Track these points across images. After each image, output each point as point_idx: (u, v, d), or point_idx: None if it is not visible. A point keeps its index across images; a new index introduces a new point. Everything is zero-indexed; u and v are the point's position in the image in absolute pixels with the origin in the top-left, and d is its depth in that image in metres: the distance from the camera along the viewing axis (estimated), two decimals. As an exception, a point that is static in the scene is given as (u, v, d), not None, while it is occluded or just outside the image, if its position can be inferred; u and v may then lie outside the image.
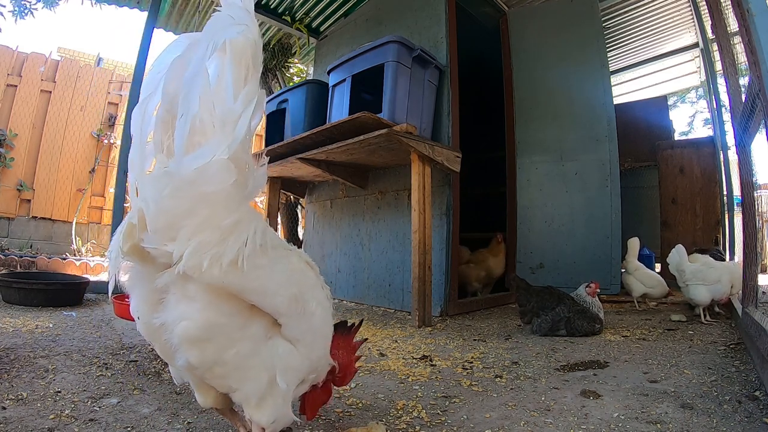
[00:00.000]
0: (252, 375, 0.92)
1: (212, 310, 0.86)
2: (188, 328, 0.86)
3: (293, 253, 1.05)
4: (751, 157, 2.39)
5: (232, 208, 0.85)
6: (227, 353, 0.88)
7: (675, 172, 5.48)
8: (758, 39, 1.49)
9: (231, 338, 0.89)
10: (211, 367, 0.90)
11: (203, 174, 0.81)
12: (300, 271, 1.03)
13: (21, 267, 4.86)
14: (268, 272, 0.91)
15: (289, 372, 0.97)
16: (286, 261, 0.99)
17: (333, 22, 5.31)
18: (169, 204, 0.80)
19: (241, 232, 0.85)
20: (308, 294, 1.01)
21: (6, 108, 6.20)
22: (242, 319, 0.90)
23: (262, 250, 0.89)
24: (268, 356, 0.93)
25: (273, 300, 0.92)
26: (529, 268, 4.42)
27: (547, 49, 4.51)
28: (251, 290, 0.88)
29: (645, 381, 1.74)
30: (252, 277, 0.87)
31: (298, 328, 0.98)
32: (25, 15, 4.59)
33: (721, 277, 3.05)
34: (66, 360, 1.84)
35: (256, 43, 0.88)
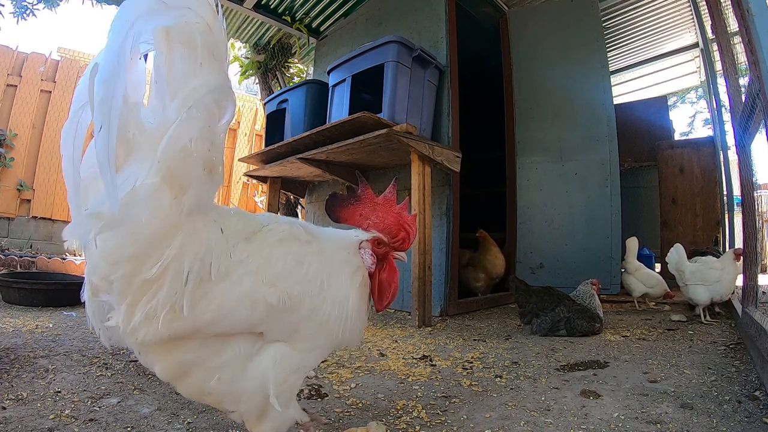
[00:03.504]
0: (244, 397, 0.86)
1: (176, 352, 0.82)
2: (162, 371, 0.85)
3: (264, 237, 0.89)
4: (751, 157, 2.39)
5: (163, 241, 0.74)
6: (209, 383, 0.83)
7: (675, 172, 5.48)
8: (758, 39, 1.49)
9: (207, 369, 0.83)
10: (201, 396, 0.87)
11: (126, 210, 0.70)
12: (271, 260, 0.86)
13: (21, 267, 4.86)
14: (224, 293, 0.79)
15: (291, 376, 0.89)
16: (248, 261, 0.84)
17: (333, 22, 5.31)
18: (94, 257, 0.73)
19: (177, 270, 0.75)
20: (290, 282, 0.87)
21: (6, 108, 6.20)
22: (213, 348, 0.83)
23: (210, 273, 0.79)
24: (259, 373, 0.85)
25: (237, 319, 0.81)
26: (529, 268, 4.42)
27: (547, 49, 4.51)
28: (207, 324, 0.79)
29: (645, 381, 1.74)
30: (201, 311, 0.77)
31: (286, 327, 0.87)
32: (26, 16, 4.59)
33: (721, 276, 3.05)
34: (66, 360, 1.84)
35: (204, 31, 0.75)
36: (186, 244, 0.76)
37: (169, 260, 0.74)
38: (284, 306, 0.85)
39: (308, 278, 0.89)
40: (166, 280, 0.74)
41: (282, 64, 5.97)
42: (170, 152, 0.72)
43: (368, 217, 1.02)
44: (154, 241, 0.74)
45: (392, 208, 1.01)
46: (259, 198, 7.98)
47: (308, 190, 4.97)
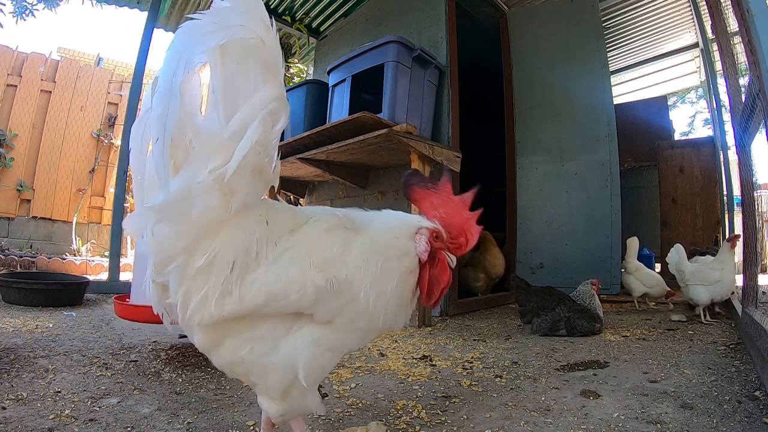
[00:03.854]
0: (271, 372, 0.90)
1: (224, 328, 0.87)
2: (202, 342, 0.89)
3: (308, 228, 0.93)
4: (751, 157, 2.40)
5: (210, 235, 0.82)
6: (239, 354, 0.87)
7: (675, 172, 5.48)
8: (758, 39, 1.49)
9: (241, 339, 0.87)
10: (231, 366, 0.91)
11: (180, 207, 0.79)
12: (319, 246, 0.91)
13: (21, 267, 4.86)
14: (272, 278, 0.85)
15: (326, 354, 0.92)
16: (296, 248, 0.89)
17: (333, 22, 5.31)
18: (152, 245, 0.81)
19: (223, 260, 0.82)
20: (336, 266, 0.90)
21: (6, 108, 6.20)
22: (250, 321, 0.87)
23: (257, 260, 0.85)
24: (291, 350, 0.89)
25: (288, 302, 0.86)
26: (529, 268, 4.42)
27: (547, 49, 4.51)
28: (260, 306, 0.84)
29: (645, 381, 1.74)
30: (251, 296, 0.83)
31: (332, 310, 0.90)
32: (26, 16, 4.59)
33: (721, 276, 3.05)
34: (66, 360, 1.84)
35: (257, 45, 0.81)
36: (231, 237, 0.83)
37: (215, 252, 0.81)
38: (332, 289, 0.88)
39: (355, 263, 0.92)
40: (214, 269, 0.81)
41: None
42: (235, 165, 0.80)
43: (437, 209, 1.02)
44: (202, 234, 0.81)
45: (464, 211, 1.01)
46: (259, 198, 7.97)
47: (308, 190, 4.97)
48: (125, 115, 4.35)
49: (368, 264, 0.93)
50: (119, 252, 4.04)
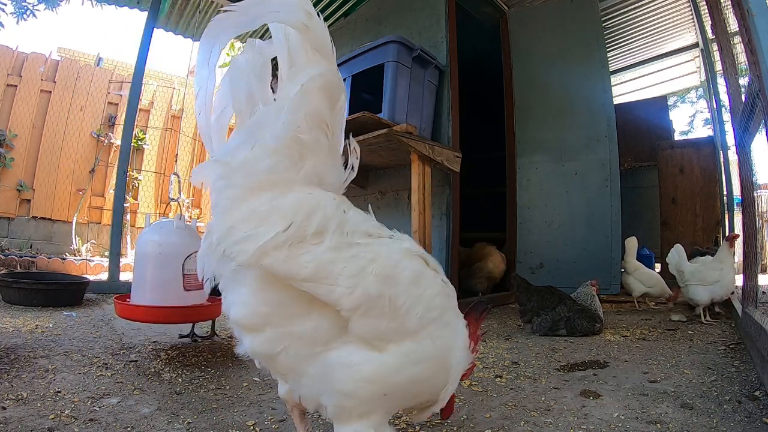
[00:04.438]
0: (305, 383, 0.86)
1: (258, 297, 0.83)
2: (236, 314, 0.86)
3: (386, 240, 0.91)
4: (751, 157, 2.40)
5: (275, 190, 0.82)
6: (275, 348, 0.84)
7: (675, 172, 5.47)
8: (758, 39, 1.49)
9: (280, 332, 0.83)
10: (264, 359, 0.89)
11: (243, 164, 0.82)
12: (389, 260, 0.87)
13: (21, 267, 4.86)
14: (328, 259, 0.80)
15: (362, 386, 0.83)
16: (366, 249, 0.85)
17: (333, 22, 5.31)
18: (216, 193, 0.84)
19: (282, 214, 0.80)
20: (399, 289, 0.85)
21: (6, 108, 6.20)
22: (293, 311, 0.83)
23: (321, 234, 0.81)
24: (328, 367, 0.83)
25: (331, 290, 0.80)
26: (529, 268, 4.42)
27: (547, 49, 4.51)
28: (301, 278, 0.79)
29: (645, 381, 1.74)
30: (298, 262, 0.79)
31: (376, 328, 0.83)
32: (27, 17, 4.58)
33: (721, 276, 3.05)
34: (66, 360, 1.84)
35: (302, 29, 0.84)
36: (297, 200, 0.83)
37: (276, 205, 0.81)
38: (383, 307, 0.83)
39: (421, 299, 0.88)
40: (269, 219, 0.79)
41: (282, 64, 5.97)
42: (290, 119, 0.83)
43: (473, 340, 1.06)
44: (264, 185, 0.82)
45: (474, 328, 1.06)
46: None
47: (308, 190, 4.96)
48: (125, 115, 4.34)
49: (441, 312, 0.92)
50: (119, 252, 4.04)
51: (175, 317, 1.95)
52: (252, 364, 1.93)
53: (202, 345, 2.22)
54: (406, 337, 0.86)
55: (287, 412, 1.39)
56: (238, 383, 1.68)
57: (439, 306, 0.92)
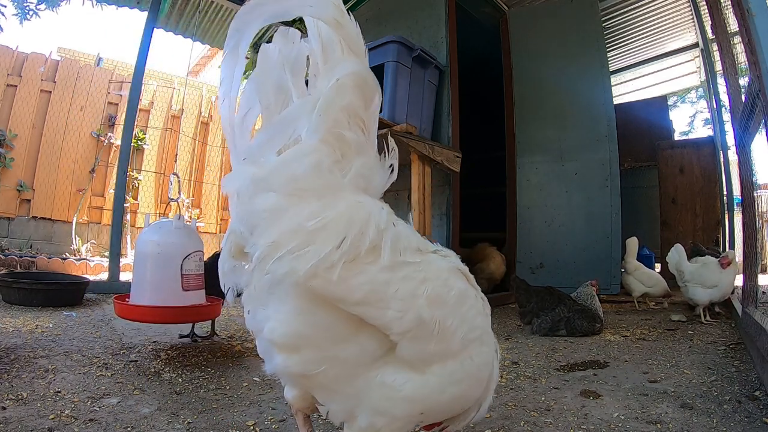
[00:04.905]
0: (339, 400, 0.81)
1: (301, 319, 0.76)
2: (274, 333, 0.77)
3: (434, 258, 0.87)
4: (751, 157, 2.40)
5: (324, 199, 0.74)
6: (313, 369, 0.77)
7: (675, 172, 5.48)
8: (758, 39, 1.49)
9: (320, 355, 0.77)
10: (296, 378, 0.83)
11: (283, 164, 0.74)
12: (438, 280, 0.83)
13: (21, 267, 4.86)
14: (381, 280, 0.75)
15: (401, 405, 0.80)
16: (417, 268, 0.80)
17: (333, 22, 5.30)
18: (247, 198, 0.75)
19: (335, 229, 0.72)
20: (447, 310, 0.82)
21: (6, 108, 6.19)
22: (339, 334, 0.77)
23: (374, 251, 0.75)
24: (366, 387, 0.79)
25: (382, 314, 0.75)
26: (529, 268, 4.42)
27: (547, 49, 4.51)
28: (352, 302, 0.74)
29: (645, 381, 1.74)
30: (351, 284, 0.73)
31: (423, 350, 0.80)
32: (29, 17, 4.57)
33: (720, 280, 3.04)
34: (66, 360, 1.84)
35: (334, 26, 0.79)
36: (351, 211, 0.75)
37: (329, 219, 0.72)
38: (431, 330, 0.79)
39: (464, 319, 0.85)
40: (321, 237, 0.71)
41: (282, 64, 5.96)
42: (325, 115, 0.75)
43: None
44: (311, 197, 0.73)
45: None
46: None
47: (308, 190, 4.97)
48: (125, 115, 4.34)
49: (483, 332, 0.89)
50: (119, 252, 4.04)
51: (175, 317, 1.95)
52: (252, 364, 1.94)
53: (202, 345, 2.22)
54: (449, 357, 0.83)
55: (288, 413, 1.40)
56: (238, 383, 1.68)
57: (480, 326, 0.90)
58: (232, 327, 2.70)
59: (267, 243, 0.71)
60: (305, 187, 0.73)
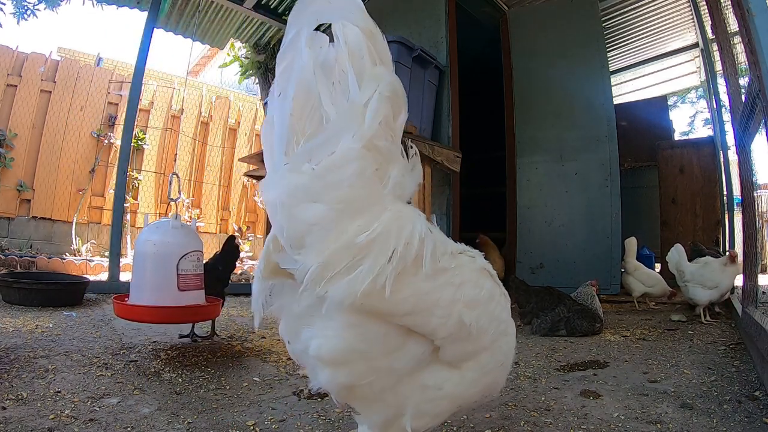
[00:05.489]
0: (378, 408, 0.82)
1: (351, 334, 0.75)
2: (323, 350, 0.76)
3: (465, 260, 0.89)
4: (751, 157, 2.40)
5: (370, 210, 0.73)
6: (360, 381, 0.77)
7: (675, 172, 5.47)
8: (758, 39, 1.49)
9: (369, 366, 0.77)
10: (341, 391, 0.81)
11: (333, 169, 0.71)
12: (471, 282, 0.86)
13: (21, 267, 4.86)
14: (425, 290, 0.77)
15: (443, 402, 0.84)
16: (453, 273, 0.83)
17: (333, 22, 5.30)
18: (290, 209, 0.71)
19: (385, 244, 0.71)
20: (480, 310, 0.85)
21: (6, 108, 6.19)
22: (388, 345, 0.77)
23: (416, 261, 0.75)
24: (409, 391, 0.81)
25: (428, 321, 0.78)
26: (529, 268, 4.42)
27: (547, 49, 4.51)
28: (402, 313, 0.75)
29: (645, 381, 1.74)
30: (400, 299, 0.73)
31: (462, 350, 0.84)
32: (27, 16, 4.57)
33: (720, 281, 3.04)
34: (66, 360, 1.84)
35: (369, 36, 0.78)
36: (397, 222, 0.74)
37: (378, 231, 0.71)
38: (469, 331, 0.82)
39: (494, 315, 0.89)
40: (373, 251, 0.70)
41: (282, 64, 5.96)
42: (371, 123, 0.73)
43: None
44: (356, 209, 0.72)
45: None
46: (259, 198, 7.97)
47: (308, 190, 4.96)
48: (125, 115, 4.34)
49: (505, 324, 0.94)
50: (119, 252, 4.04)
51: (174, 317, 1.95)
52: (252, 364, 1.94)
53: (202, 345, 2.22)
54: (482, 352, 0.87)
55: (288, 413, 1.40)
56: (238, 383, 1.68)
57: (505, 319, 0.94)
58: (232, 327, 2.70)
59: (318, 262, 0.69)
60: (351, 197, 0.71)
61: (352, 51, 0.75)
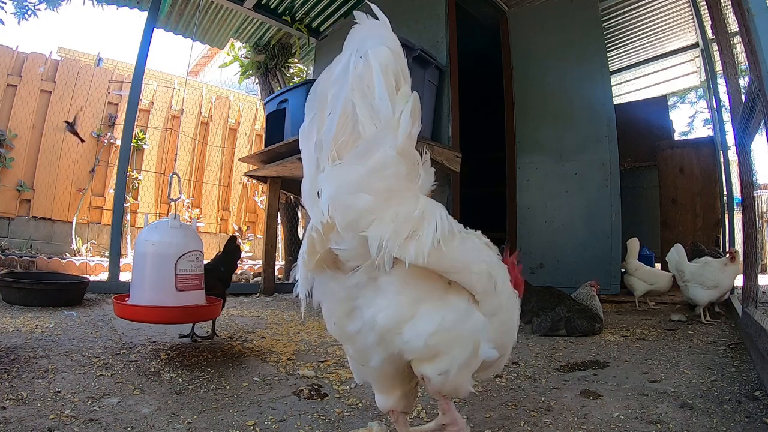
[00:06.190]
0: (461, 342, 0.95)
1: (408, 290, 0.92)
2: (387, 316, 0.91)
3: (474, 235, 1.08)
4: (751, 157, 2.40)
5: (413, 198, 0.91)
6: (433, 321, 0.92)
7: (675, 172, 5.48)
8: (758, 39, 1.49)
9: (434, 307, 0.93)
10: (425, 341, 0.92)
11: (378, 169, 0.87)
12: (484, 250, 1.06)
13: (21, 267, 4.87)
14: (461, 252, 0.95)
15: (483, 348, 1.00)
16: (472, 242, 1.02)
17: (333, 22, 5.31)
18: (352, 199, 0.86)
19: (430, 219, 0.90)
20: (495, 270, 1.04)
21: (6, 108, 6.19)
22: (438, 294, 0.95)
23: (450, 233, 0.93)
24: (472, 326, 0.97)
25: (470, 277, 0.96)
26: (529, 268, 4.41)
27: (547, 49, 4.51)
28: (452, 269, 0.93)
29: (645, 381, 1.74)
30: (450, 257, 0.91)
31: (492, 304, 1.00)
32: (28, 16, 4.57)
33: (720, 280, 3.05)
34: (66, 360, 1.84)
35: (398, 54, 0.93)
36: (432, 203, 0.93)
37: (424, 208, 0.89)
38: (494, 285, 1.01)
39: (505, 279, 1.08)
40: (426, 220, 0.89)
41: (282, 64, 5.97)
42: (403, 134, 0.89)
43: None
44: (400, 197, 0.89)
45: (513, 270, 1.23)
46: (259, 198, 7.98)
47: (308, 190, 4.96)
48: (125, 115, 4.34)
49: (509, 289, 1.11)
50: (119, 252, 4.04)
51: (174, 317, 1.95)
52: (252, 364, 1.94)
53: (202, 345, 2.22)
54: (501, 311, 1.04)
55: (288, 413, 1.40)
56: (238, 383, 1.68)
57: (505, 276, 1.10)
58: (232, 327, 2.70)
59: (387, 231, 0.85)
60: (393, 189, 0.88)
61: (385, 71, 0.90)
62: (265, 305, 3.72)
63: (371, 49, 0.90)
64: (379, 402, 1.06)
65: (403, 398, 1.06)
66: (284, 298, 4.27)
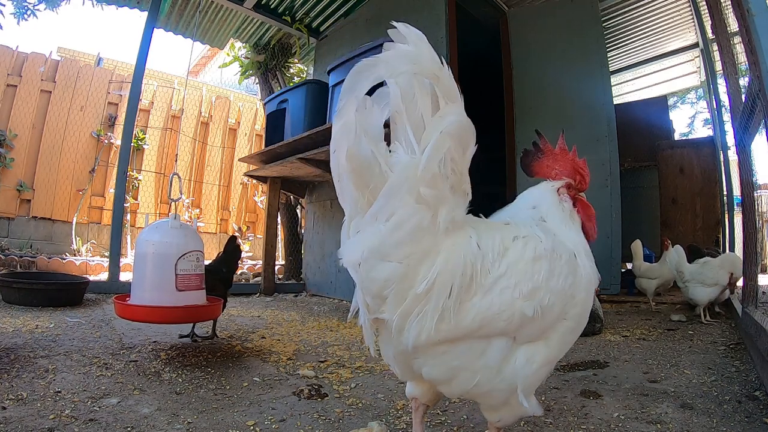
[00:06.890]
0: (495, 393, 0.93)
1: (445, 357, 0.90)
2: (429, 374, 0.92)
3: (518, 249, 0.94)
4: (751, 157, 2.40)
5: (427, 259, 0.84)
6: (470, 385, 0.91)
7: (675, 172, 5.47)
8: (758, 39, 1.49)
9: (472, 373, 0.91)
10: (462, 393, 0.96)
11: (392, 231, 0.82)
12: (526, 276, 0.92)
13: (21, 267, 4.86)
14: (486, 305, 0.88)
15: (542, 369, 0.95)
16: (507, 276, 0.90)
17: (333, 22, 5.31)
18: (368, 271, 0.84)
19: (442, 285, 0.84)
20: (542, 292, 0.92)
21: (6, 108, 6.19)
22: (478, 352, 0.90)
23: (471, 285, 0.87)
24: (511, 371, 0.92)
25: (497, 326, 0.89)
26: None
27: (547, 49, 4.51)
28: (472, 331, 0.88)
29: (645, 381, 1.74)
30: (468, 322, 0.86)
31: (535, 330, 0.93)
32: (27, 16, 4.57)
33: (719, 279, 3.05)
34: (66, 360, 1.84)
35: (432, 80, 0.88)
36: (448, 261, 0.85)
37: (434, 277, 0.84)
38: (533, 318, 0.91)
39: (555, 290, 0.94)
40: (433, 294, 0.84)
41: (282, 64, 5.97)
42: (423, 173, 0.82)
43: (553, 167, 1.17)
44: (418, 259, 0.84)
45: (566, 156, 1.15)
46: (259, 198, 7.98)
47: (308, 190, 4.97)
48: (125, 115, 4.34)
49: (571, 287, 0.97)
50: (119, 252, 4.04)
51: (175, 317, 1.95)
52: (252, 364, 1.94)
53: (202, 345, 2.22)
54: (557, 323, 0.96)
55: (288, 413, 1.40)
56: (238, 383, 1.68)
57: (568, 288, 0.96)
58: (232, 327, 2.70)
59: (397, 314, 0.84)
60: (414, 252, 0.83)
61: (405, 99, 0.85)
62: (265, 305, 3.72)
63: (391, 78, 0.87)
64: (408, 388, 1.07)
65: (429, 392, 1.04)
66: (284, 298, 4.27)
